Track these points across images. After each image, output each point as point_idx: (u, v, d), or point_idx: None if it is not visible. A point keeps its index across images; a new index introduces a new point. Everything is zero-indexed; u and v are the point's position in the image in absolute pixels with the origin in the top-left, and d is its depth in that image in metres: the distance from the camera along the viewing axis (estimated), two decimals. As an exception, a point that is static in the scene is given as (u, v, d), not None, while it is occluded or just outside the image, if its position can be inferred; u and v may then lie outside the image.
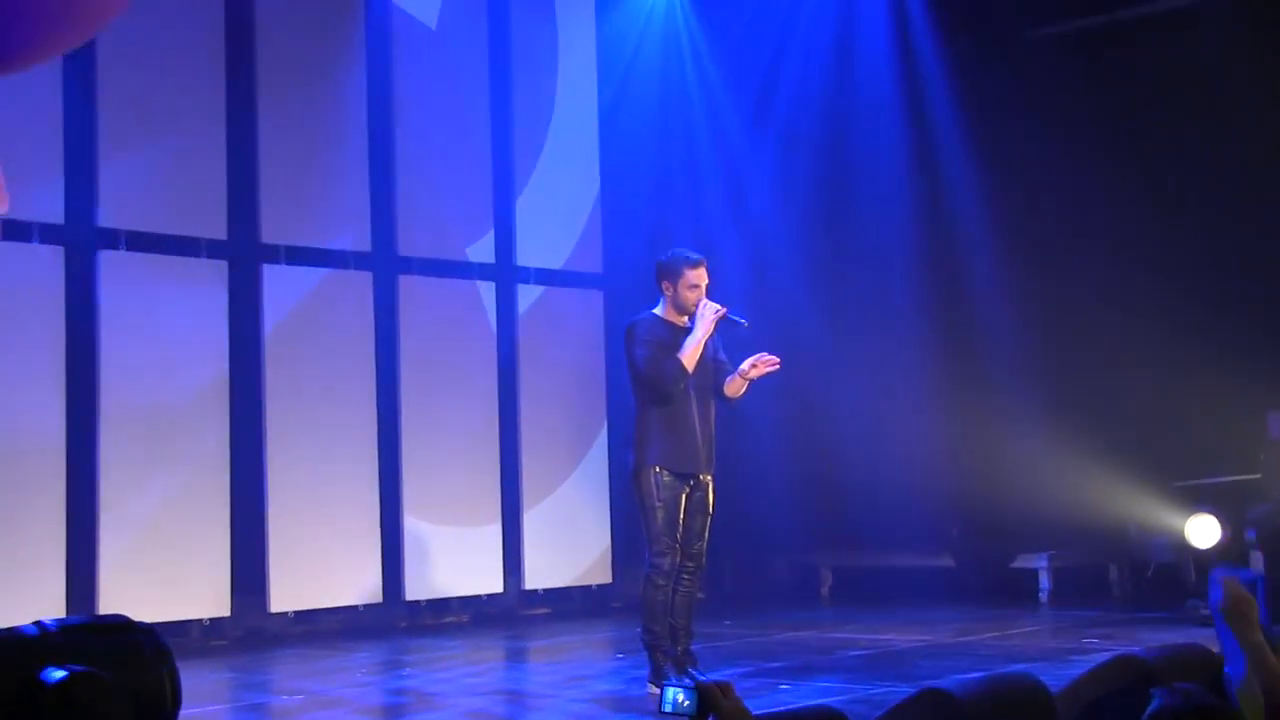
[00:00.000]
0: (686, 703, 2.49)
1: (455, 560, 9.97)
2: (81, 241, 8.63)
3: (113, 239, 8.73)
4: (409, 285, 9.98)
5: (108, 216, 8.70)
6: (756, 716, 2.50)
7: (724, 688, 2.50)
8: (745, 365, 6.42)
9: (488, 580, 10.16)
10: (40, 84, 8.33)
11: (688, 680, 2.57)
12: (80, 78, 8.60)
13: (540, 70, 10.81)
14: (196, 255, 9.03)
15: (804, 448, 11.28)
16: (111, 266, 8.69)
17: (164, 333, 8.83)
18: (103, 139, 8.67)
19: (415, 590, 9.81)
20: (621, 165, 11.16)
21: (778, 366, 6.42)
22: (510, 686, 7.46)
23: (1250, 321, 9.84)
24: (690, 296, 6.42)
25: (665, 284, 6.50)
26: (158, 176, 8.86)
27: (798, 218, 11.50)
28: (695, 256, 6.51)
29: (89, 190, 8.64)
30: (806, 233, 11.46)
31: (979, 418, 10.61)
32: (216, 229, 9.11)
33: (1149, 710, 2.51)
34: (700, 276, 6.45)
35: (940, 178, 11.17)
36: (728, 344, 6.73)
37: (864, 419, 11.08)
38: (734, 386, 6.51)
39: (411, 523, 9.80)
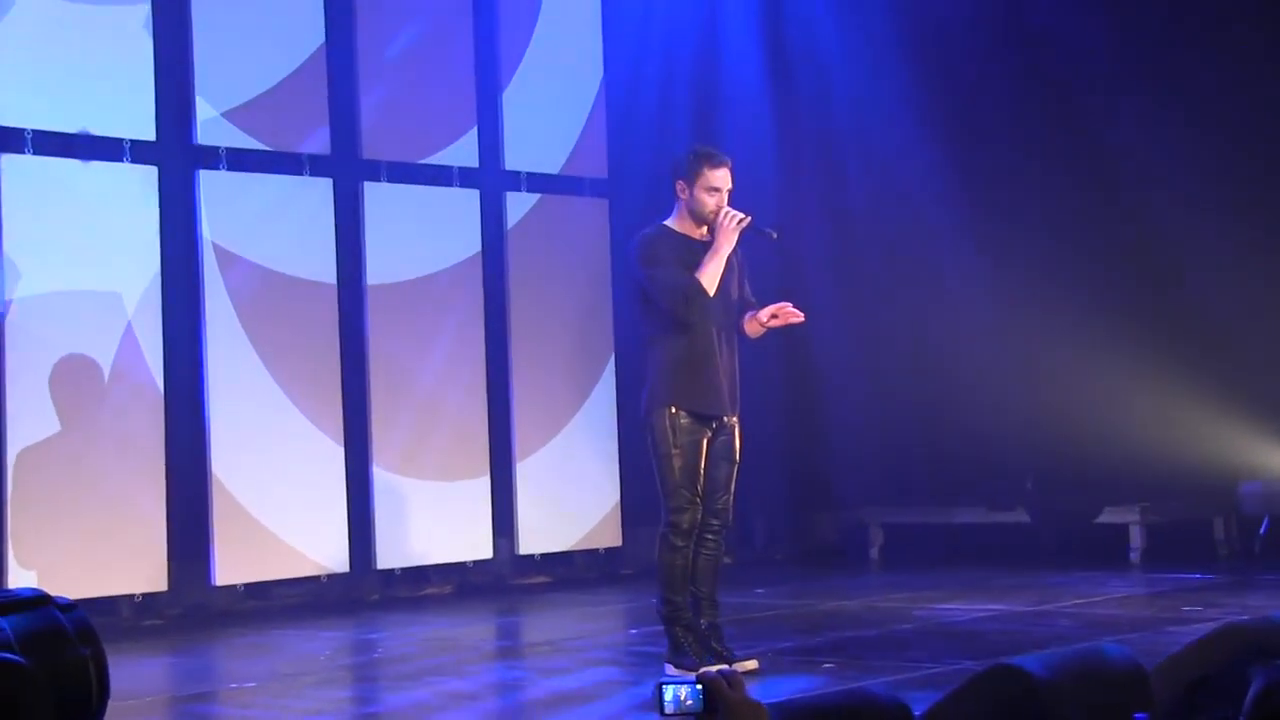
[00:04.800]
0: (690, 701, 2.52)
1: (436, 521, 10.00)
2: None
3: (18, 141, 8.70)
4: (375, 193, 9.97)
5: (11, 114, 8.67)
6: (773, 707, 2.52)
7: (731, 679, 2.53)
8: (764, 314, 6.41)
9: (474, 544, 10.20)
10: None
11: (690, 676, 2.59)
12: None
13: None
14: (119, 160, 9.01)
15: (851, 384, 11.26)
16: (15, 169, 8.66)
17: (80, 248, 8.80)
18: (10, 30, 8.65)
19: (388, 557, 9.85)
20: (629, 51, 11.07)
21: (801, 320, 6.42)
22: (499, 678, 7.48)
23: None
24: (708, 201, 6.38)
25: (680, 184, 6.44)
26: (76, 71, 8.82)
27: (849, 109, 11.33)
28: (719, 155, 6.46)
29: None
30: (861, 133, 11.30)
31: (1059, 350, 10.58)
32: (144, 129, 9.08)
33: (1253, 690, 2.53)
34: (723, 179, 6.40)
35: (1019, 82, 11.05)
36: (752, 266, 6.69)
37: (923, 351, 11.05)
38: (752, 328, 6.50)
39: (383, 477, 9.84)
